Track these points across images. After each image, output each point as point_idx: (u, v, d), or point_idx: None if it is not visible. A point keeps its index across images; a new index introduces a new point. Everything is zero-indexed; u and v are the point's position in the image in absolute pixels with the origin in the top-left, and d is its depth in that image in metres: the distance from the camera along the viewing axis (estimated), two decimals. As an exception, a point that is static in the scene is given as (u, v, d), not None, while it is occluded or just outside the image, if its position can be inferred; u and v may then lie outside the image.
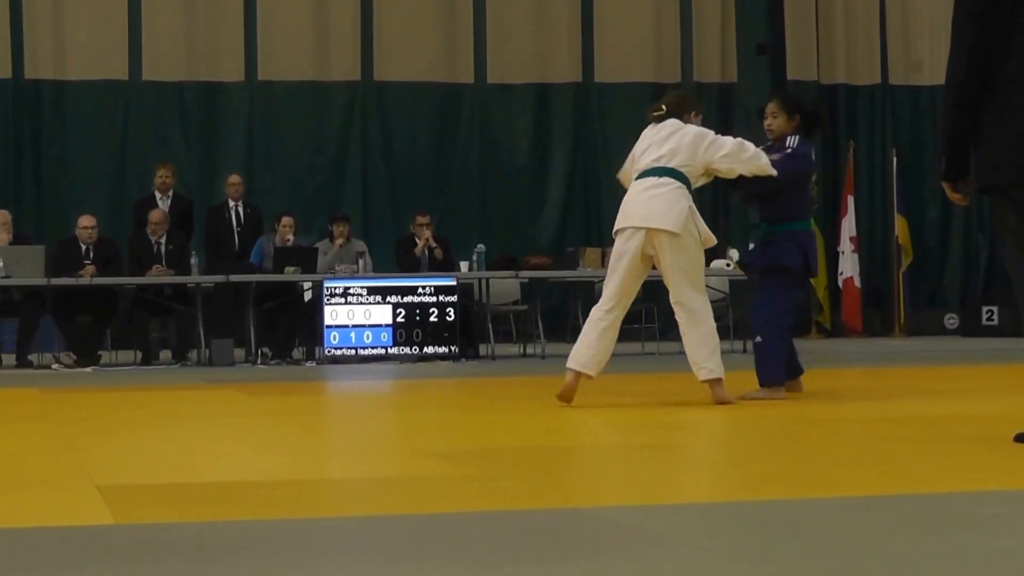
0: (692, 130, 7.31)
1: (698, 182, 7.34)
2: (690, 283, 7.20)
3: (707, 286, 14.85)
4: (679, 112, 7.40)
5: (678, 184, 7.16)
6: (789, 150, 7.54)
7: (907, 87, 19.10)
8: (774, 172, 7.36)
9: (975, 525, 3.49)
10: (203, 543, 3.39)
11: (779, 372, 7.52)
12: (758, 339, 7.56)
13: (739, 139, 7.41)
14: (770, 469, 4.75)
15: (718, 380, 7.13)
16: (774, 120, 7.69)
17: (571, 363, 7.17)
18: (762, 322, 7.56)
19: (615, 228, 7.28)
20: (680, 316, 7.23)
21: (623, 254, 7.20)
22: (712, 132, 7.38)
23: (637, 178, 7.24)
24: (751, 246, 8.03)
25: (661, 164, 7.18)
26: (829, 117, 18.83)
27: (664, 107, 7.44)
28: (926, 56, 19.00)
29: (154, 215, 13.45)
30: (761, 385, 7.54)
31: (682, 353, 7.19)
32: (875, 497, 3.98)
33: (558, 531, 3.50)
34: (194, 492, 4.30)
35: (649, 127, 7.44)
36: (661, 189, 7.13)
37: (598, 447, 5.83)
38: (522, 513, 3.82)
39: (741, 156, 7.30)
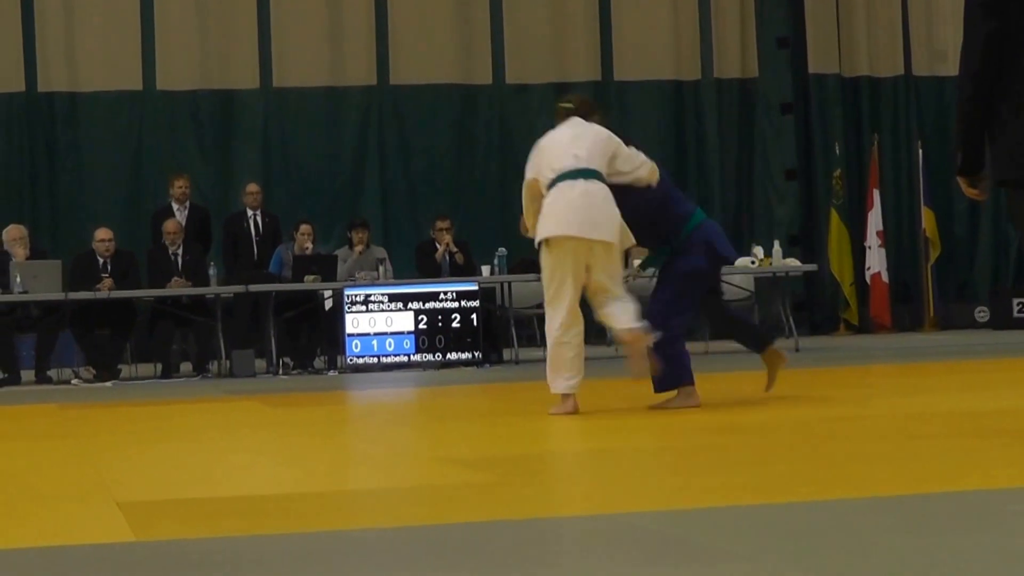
0: (602, 131, 7.16)
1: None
2: (617, 283, 7.06)
3: (733, 284, 14.97)
4: (585, 113, 7.22)
5: (603, 189, 6.96)
6: None
7: (931, 77, 18.89)
8: (655, 181, 7.25)
9: (1007, 523, 3.45)
10: (225, 558, 3.37)
11: (685, 373, 7.24)
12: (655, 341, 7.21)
13: (633, 149, 7.25)
14: (796, 470, 4.71)
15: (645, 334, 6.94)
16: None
17: (564, 388, 6.98)
18: (659, 323, 7.22)
19: (547, 233, 6.95)
20: (606, 297, 7.02)
21: (567, 271, 6.92)
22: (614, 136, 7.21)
23: (559, 180, 6.97)
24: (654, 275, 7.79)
25: (582, 165, 6.96)
26: (853, 110, 18.67)
27: (572, 104, 7.29)
28: (950, 45, 18.76)
29: (169, 225, 13.34)
30: (660, 391, 7.28)
31: (707, 353, 7.02)
32: (905, 497, 3.95)
33: (583, 538, 3.46)
34: (215, 507, 4.27)
35: (553, 130, 7.19)
36: (598, 196, 6.91)
37: (621, 451, 5.74)
38: (547, 521, 3.79)
39: (638, 166, 7.19)
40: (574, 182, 6.92)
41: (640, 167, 7.19)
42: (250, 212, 14.21)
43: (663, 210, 7.31)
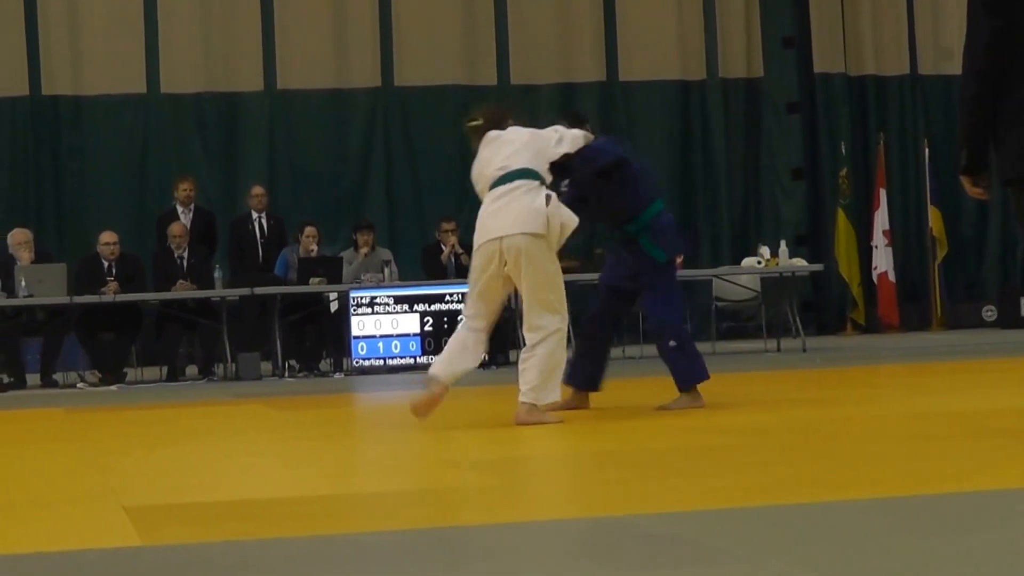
0: (521, 130, 7.04)
1: (547, 176, 6.99)
2: (542, 305, 6.85)
3: (740, 284, 14.94)
4: (497, 123, 7.09)
5: (528, 182, 6.82)
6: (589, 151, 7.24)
7: (938, 76, 18.83)
8: (591, 137, 7.16)
9: (1016, 523, 3.44)
10: (232, 562, 3.35)
11: (703, 370, 7.21)
12: (672, 343, 7.19)
13: (552, 127, 7.13)
14: (803, 471, 4.70)
15: (534, 405, 6.73)
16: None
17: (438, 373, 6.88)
18: (670, 325, 7.23)
19: (474, 245, 6.91)
20: (529, 339, 6.87)
21: (481, 270, 6.85)
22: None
23: (489, 190, 6.90)
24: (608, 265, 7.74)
25: (508, 169, 6.85)
26: (859, 109, 18.60)
27: (481, 119, 7.13)
28: (956, 43, 18.65)
29: (174, 228, 13.30)
30: (684, 389, 7.23)
31: (714, 354, 6.99)
32: (911, 497, 3.93)
33: (592, 541, 3.44)
34: (222, 510, 4.26)
35: (476, 158, 7.09)
36: (511, 195, 6.80)
37: (629, 452, 5.72)
38: (553, 523, 3.77)
39: (564, 138, 7.05)
40: (496, 190, 6.84)
41: (568, 143, 7.05)
42: (255, 214, 14.18)
43: (635, 185, 7.29)
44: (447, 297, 12.89)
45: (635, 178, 7.35)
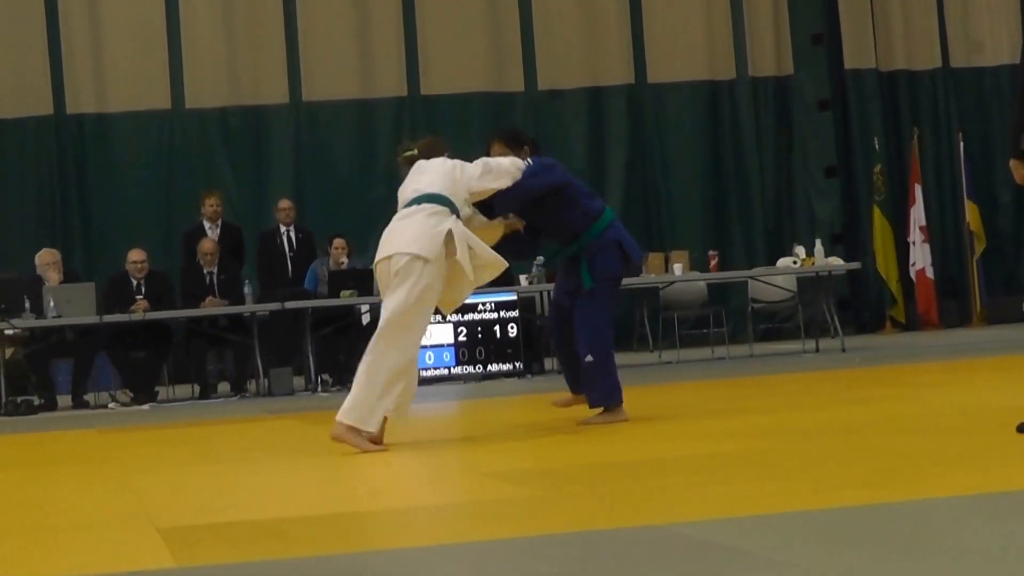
0: (446, 161, 7.09)
1: (465, 208, 6.96)
2: (387, 329, 6.61)
3: (776, 285, 14.75)
4: (429, 154, 7.16)
5: (434, 207, 6.80)
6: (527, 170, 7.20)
7: (970, 69, 18.64)
8: (521, 168, 7.13)
9: None
10: None
11: (617, 391, 7.17)
12: (589, 358, 7.13)
13: (481, 159, 7.16)
14: (847, 473, 4.66)
15: (351, 428, 6.54)
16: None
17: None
18: (590, 340, 7.14)
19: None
20: (367, 354, 6.69)
21: (382, 291, 6.76)
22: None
23: (403, 208, 6.92)
24: (556, 280, 7.68)
25: (420, 192, 6.88)
26: (891, 105, 18.41)
27: (416, 149, 7.23)
28: (987, 36, 18.51)
29: (204, 245, 13.19)
30: (598, 405, 7.19)
31: (751, 356, 6.87)
32: (959, 498, 3.89)
33: (634, 551, 3.39)
34: (256, 529, 4.21)
35: (409, 174, 7.10)
36: (412, 216, 6.79)
37: (667, 460, 5.66)
38: (595, 534, 3.72)
39: (492, 171, 7.06)
40: (404, 211, 6.87)
41: (493, 176, 7.05)
42: (283, 228, 14.06)
43: (573, 206, 7.27)
44: (480, 307, 12.77)
45: (574, 199, 7.34)
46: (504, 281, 13.54)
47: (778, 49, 18.29)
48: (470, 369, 12.73)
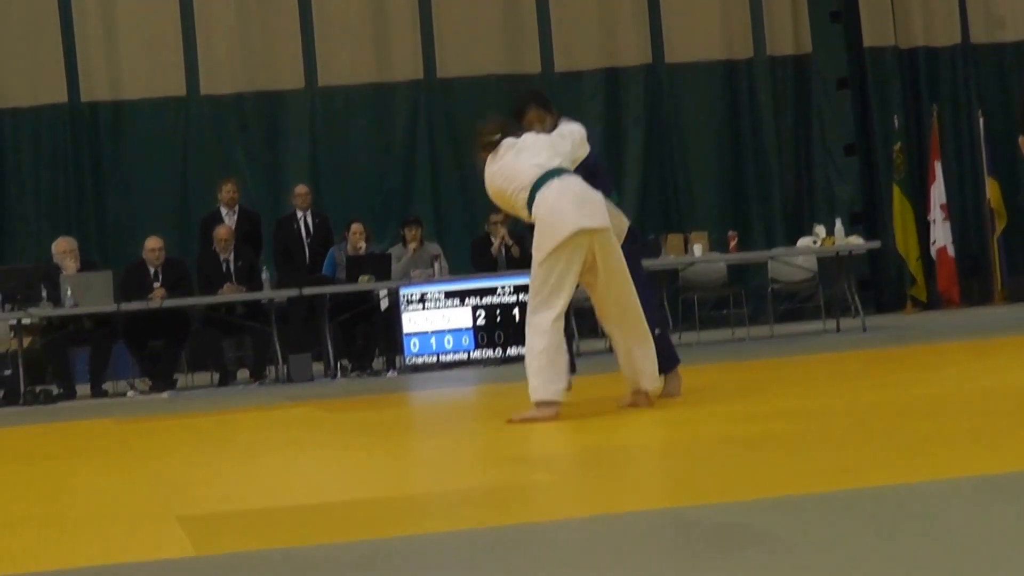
0: (539, 136, 6.96)
1: None
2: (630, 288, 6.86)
3: (796, 265, 14.67)
4: (508, 132, 6.96)
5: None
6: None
7: (990, 45, 18.48)
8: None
9: None
10: (289, 570, 3.31)
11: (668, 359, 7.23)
12: (658, 331, 7.10)
13: (559, 130, 7.05)
14: (868, 454, 4.63)
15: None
16: (542, 125, 7.17)
17: (553, 394, 6.66)
18: (650, 315, 7.07)
19: (567, 232, 6.60)
20: (623, 326, 6.81)
21: (574, 265, 6.66)
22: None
23: (541, 183, 6.66)
24: None
25: (546, 168, 6.72)
26: (911, 82, 18.27)
27: (497, 132, 6.96)
28: (1008, 11, 18.35)
29: (220, 232, 13.15)
30: (669, 372, 7.23)
31: (772, 337, 6.83)
32: (981, 477, 3.84)
33: (660, 533, 3.40)
34: (277, 517, 4.21)
35: (493, 164, 6.88)
36: (581, 186, 6.74)
37: (691, 442, 5.64)
38: (621, 516, 3.72)
39: (578, 141, 7.03)
40: (548, 185, 6.68)
41: (583, 143, 7.03)
42: (300, 214, 14.01)
43: (592, 182, 7.09)
44: (498, 290, 12.71)
45: (595, 172, 7.24)
46: (522, 264, 13.51)
47: (796, 27, 18.16)
48: (489, 353, 12.68)
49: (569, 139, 6.96)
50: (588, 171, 7.02)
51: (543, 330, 6.70)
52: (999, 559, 2.78)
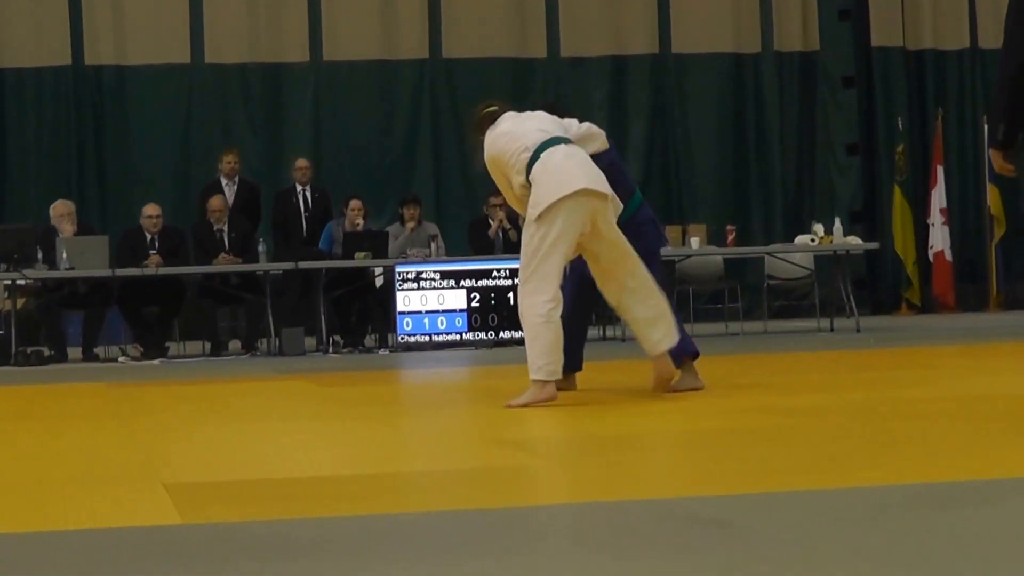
0: (544, 114, 6.90)
1: None
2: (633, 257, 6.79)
3: (793, 262, 14.65)
4: (508, 109, 6.93)
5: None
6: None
7: (998, 50, 18.29)
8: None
9: None
10: (274, 542, 3.31)
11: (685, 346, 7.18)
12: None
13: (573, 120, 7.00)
14: (856, 453, 4.63)
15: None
16: None
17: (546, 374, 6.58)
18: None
19: (571, 189, 6.39)
20: (634, 293, 6.73)
21: (572, 232, 6.46)
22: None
23: (541, 151, 6.51)
24: None
25: (551, 135, 6.59)
26: (917, 84, 18.24)
27: (495, 105, 6.96)
28: (1017, 17, 18.25)
29: (213, 202, 13.12)
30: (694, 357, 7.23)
31: (766, 333, 6.80)
32: (967, 482, 3.85)
33: (640, 524, 3.39)
34: (264, 489, 4.22)
35: (493, 131, 6.75)
36: (581, 154, 6.63)
37: (678, 433, 5.64)
38: (602, 505, 3.71)
39: (593, 133, 6.94)
40: (555, 148, 6.52)
41: (596, 138, 6.93)
42: (299, 187, 13.98)
43: (622, 181, 7.05)
44: (494, 273, 12.70)
45: (620, 170, 7.21)
46: (519, 248, 13.48)
47: (804, 24, 18.14)
48: (482, 335, 12.67)
49: (584, 127, 6.86)
50: (612, 168, 6.89)
51: (537, 312, 6.62)
52: (977, 560, 2.79)
